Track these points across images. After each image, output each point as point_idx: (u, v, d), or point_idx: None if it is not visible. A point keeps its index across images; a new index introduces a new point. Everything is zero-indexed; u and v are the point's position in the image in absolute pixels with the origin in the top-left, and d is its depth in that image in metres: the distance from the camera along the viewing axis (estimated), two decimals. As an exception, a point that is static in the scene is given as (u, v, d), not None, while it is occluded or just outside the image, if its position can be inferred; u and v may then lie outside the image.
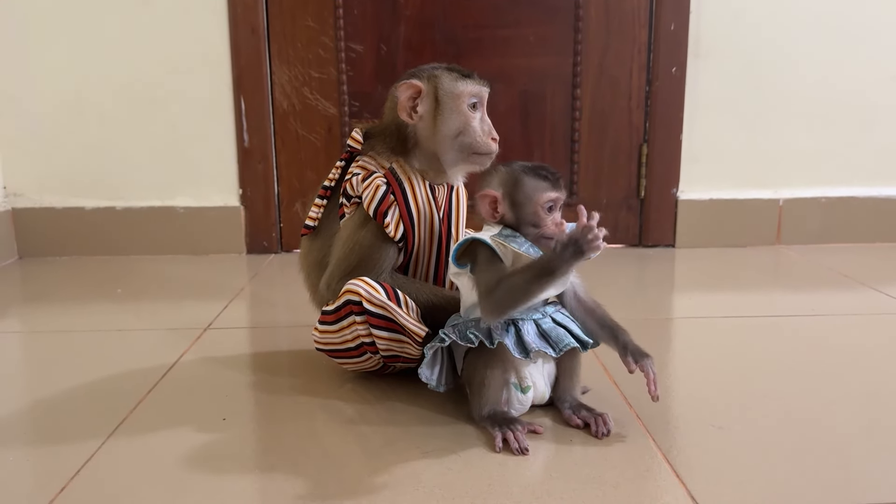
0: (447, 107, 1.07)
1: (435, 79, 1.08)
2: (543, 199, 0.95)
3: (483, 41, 2.04)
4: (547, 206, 0.95)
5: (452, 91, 1.07)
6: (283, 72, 2.03)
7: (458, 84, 1.07)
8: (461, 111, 1.07)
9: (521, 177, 0.96)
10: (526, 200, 0.95)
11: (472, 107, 1.08)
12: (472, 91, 1.08)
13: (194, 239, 2.08)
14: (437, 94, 1.07)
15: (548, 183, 0.95)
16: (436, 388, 1.00)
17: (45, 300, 1.71)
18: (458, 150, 1.09)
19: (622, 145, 2.11)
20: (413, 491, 0.83)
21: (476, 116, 1.08)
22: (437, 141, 1.08)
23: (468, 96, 1.07)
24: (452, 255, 0.98)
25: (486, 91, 1.09)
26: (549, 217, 0.95)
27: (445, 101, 1.07)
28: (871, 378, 1.16)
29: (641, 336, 0.95)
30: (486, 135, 1.08)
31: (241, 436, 0.98)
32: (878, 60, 2.08)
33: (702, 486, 0.83)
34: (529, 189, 0.95)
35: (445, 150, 1.09)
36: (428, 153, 1.10)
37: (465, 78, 1.08)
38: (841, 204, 2.13)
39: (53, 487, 0.85)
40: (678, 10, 2.02)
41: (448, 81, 1.08)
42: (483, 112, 1.09)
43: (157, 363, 1.23)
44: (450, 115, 1.07)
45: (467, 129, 1.07)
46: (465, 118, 1.07)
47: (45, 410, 1.08)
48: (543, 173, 0.96)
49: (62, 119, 2.03)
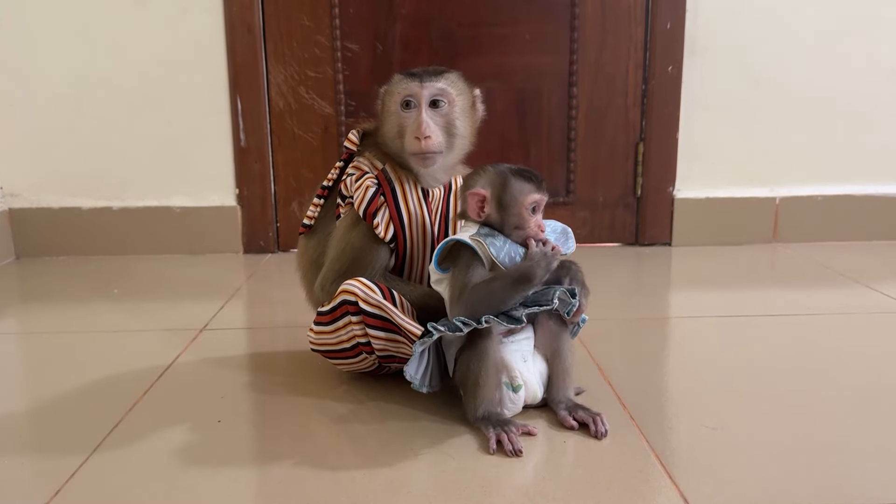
0: (387, 109, 1.08)
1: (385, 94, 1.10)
2: (528, 200, 0.97)
3: (479, 39, 2.04)
4: (531, 208, 0.97)
5: (391, 91, 1.08)
6: (279, 71, 2.03)
7: (397, 85, 1.07)
8: (394, 111, 1.07)
9: (509, 178, 0.98)
10: (512, 201, 0.97)
11: (405, 105, 1.06)
12: (405, 90, 1.06)
13: (191, 238, 2.08)
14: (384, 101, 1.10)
15: (533, 185, 0.97)
16: (419, 389, 1.00)
17: (41, 300, 1.71)
18: (392, 141, 1.09)
19: (619, 143, 2.11)
20: (407, 492, 0.83)
21: (409, 116, 1.06)
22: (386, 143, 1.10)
23: (401, 96, 1.06)
24: (434, 261, 0.99)
25: (417, 87, 1.05)
26: (532, 218, 0.97)
27: (387, 104, 1.08)
28: (866, 377, 1.17)
29: (637, 335, 0.95)
30: (411, 134, 1.05)
31: (236, 437, 0.99)
32: (875, 58, 2.08)
33: (694, 487, 0.83)
34: (516, 190, 0.97)
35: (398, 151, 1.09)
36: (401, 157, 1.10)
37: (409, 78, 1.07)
38: (838, 202, 2.13)
39: (49, 490, 0.85)
40: (674, 8, 2.02)
41: (395, 84, 1.08)
42: (419, 110, 1.05)
43: (153, 364, 1.24)
44: (388, 116, 1.08)
45: (403, 130, 1.06)
46: (399, 118, 1.07)
47: (40, 412, 1.08)
48: (528, 175, 0.98)
49: (59, 119, 2.03)
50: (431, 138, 1.04)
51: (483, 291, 0.94)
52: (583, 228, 2.14)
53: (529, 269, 0.93)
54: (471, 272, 0.95)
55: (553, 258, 0.95)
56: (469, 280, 0.95)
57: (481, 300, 0.94)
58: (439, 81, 1.06)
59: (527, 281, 0.93)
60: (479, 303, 0.94)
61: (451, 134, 1.06)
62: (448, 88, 1.06)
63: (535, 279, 0.93)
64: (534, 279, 0.93)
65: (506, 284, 0.94)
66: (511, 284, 0.94)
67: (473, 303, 0.94)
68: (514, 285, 0.94)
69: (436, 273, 1.00)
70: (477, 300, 0.94)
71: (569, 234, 1.03)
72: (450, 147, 1.07)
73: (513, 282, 0.94)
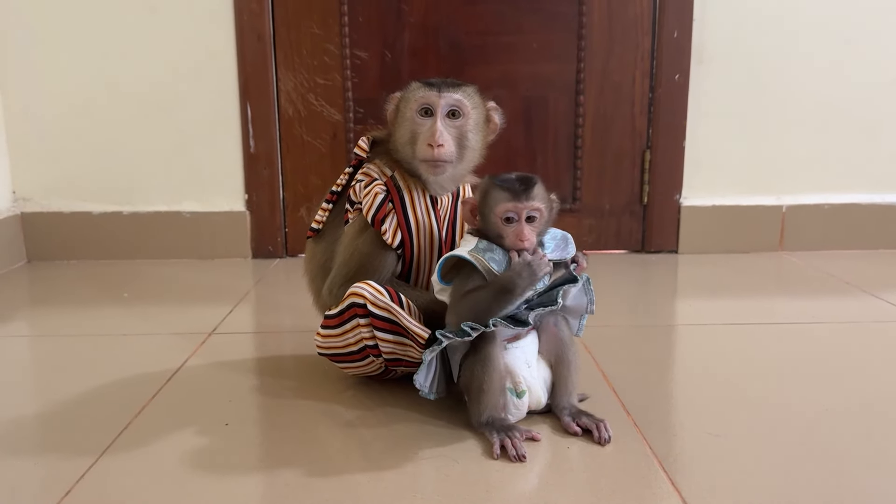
0: (402, 115, 1.10)
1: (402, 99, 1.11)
2: (500, 210, 0.96)
3: (487, 48, 2.06)
4: (504, 218, 0.96)
5: (408, 98, 1.09)
6: (289, 78, 2.05)
7: (414, 93, 1.09)
8: (409, 118, 1.08)
9: (489, 187, 0.98)
10: (488, 211, 0.97)
11: (421, 112, 1.07)
12: (422, 98, 1.07)
13: (200, 243, 2.10)
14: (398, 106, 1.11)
15: (508, 194, 0.96)
16: (426, 396, 1.01)
17: (52, 304, 1.73)
18: (403, 147, 1.10)
19: (625, 151, 2.12)
20: (411, 497, 0.84)
21: (424, 123, 1.07)
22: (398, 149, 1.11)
23: (419, 103, 1.07)
24: (437, 273, 1.00)
25: (435, 96, 1.06)
26: (508, 228, 0.96)
27: (402, 110, 1.10)
28: (870, 386, 1.17)
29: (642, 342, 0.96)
30: (424, 140, 1.06)
31: (244, 440, 1.00)
32: (882, 66, 2.08)
33: (697, 494, 0.84)
34: (491, 200, 0.97)
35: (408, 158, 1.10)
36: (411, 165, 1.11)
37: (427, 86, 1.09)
38: (844, 210, 2.13)
39: (58, 491, 0.86)
40: (681, 17, 2.03)
41: (412, 91, 1.10)
42: (435, 119, 1.06)
43: (162, 368, 1.25)
44: (402, 122, 1.09)
45: (416, 136, 1.07)
46: (414, 124, 1.08)
47: (50, 414, 1.09)
48: (508, 185, 0.96)
49: (70, 125, 2.05)
50: (444, 147, 1.05)
51: (470, 301, 0.95)
52: (589, 236, 2.15)
53: (510, 280, 0.93)
54: (468, 285, 0.96)
55: (539, 268, 0.93)
56: (465, 289, 0.96)
57: (469, 309, 0.95)
58: (457, 93, 1.07)
59: (508, 292, 0.93)
60: (466, 312, 0.95)
61: (462, 146, 1.08)
62: (464, 101, 1.07)
63: (517, 289, 0.93)
64: (515, 289, 0.93)
65: (488, 295, 0.94)
66: (493, 295, 0.94)
67: (460, 313, 0.96)
68: (496, 296, 0.94)
69: (438, 284, 1.01)
70: (465, 310, 0.95)
71: (569, 240, 1.03)
72: (460, 158, 1.08)
73: (495, 293, 0.94)
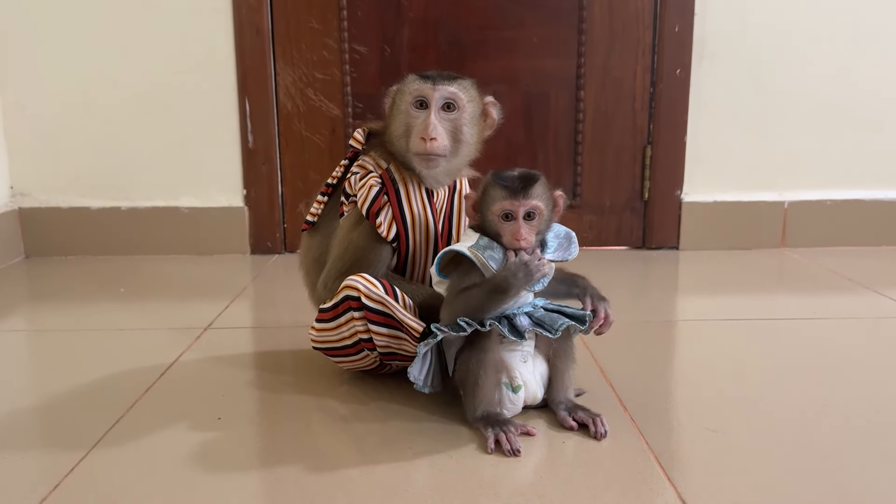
0: (397, 107, 1.08)
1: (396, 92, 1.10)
2: (496, 208, 0.95)
3: (487, 43, 2.04)
4: (501, 216, 0.95)
5: (403, 90, 1.08)
6: (288, 73, 2.04)
7: (409, 85, 1.07)
8: (403, 110, 1.07)
9: (488, 184, 0.97)
10: (486, 209, 0.96)
11: (415, 105, 1.06)
12: (417, 91, 1.06)
13: (198, 239, 2.09)
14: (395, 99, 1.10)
15: (505, 193, 0.94)
16: (421, 389, 1.00)
17: (50, 299, 1.72)
18: (397, 140, 1.08)
19: (626, 147, 2.11)
20: (404, 491, 0.83)
21: (418, 116, 1.06)
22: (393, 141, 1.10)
23: (413, 96, 1.06)
24: (435, 266, 0.98)
25: (430, 88, 1.05)
26: (505, 226, 0.95)
27: (397, 102, 1.08)
28: (870, 383, 1.15)
29: (641, 338, 0.95)
30: (417, 134, 1.05)
31: (236, 435, 0.99)
32: (885, 62, 2.06)
33: (693, 490, 0.83)
34: (488, 198, 0.96)
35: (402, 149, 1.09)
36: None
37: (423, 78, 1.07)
38: (846, 207, 2.12)
39: (47, 485, 0.85)
40: (682, 12, 2.02)
41: (407, 84, 1.08)
42: (429, 111, 1.05)
43: (156, 362, 1.24)
44: (397, 114, 1.08)
45: (410, 129, 1.06)
46: (408, 117, 1.07)
47: (44, 407, 1.09)
48: (506, 182, 0.95)
49: (68, 120, 2.05)
50: (437, 140, 1.04)
51: (464, 298, 0.94)
52: (590, 232, 2.14)
53: (504, 279, 0.92)
54: (464, 282, 0.95)
55: (536, 268, 0.92)
56: (461, 285, 0.95)
57: (463, 306, 0.94)
58: (452, 86, 1.06)
59: (501, 291, 0.92)
60: (460, 309, 0.94)
61: (457, 139, 1.06)
62: (460, 94, 1.06)
63: (511, 289, 0.92)
64: (509, 289, 0.92)
65: (482, 293, 0.93)
66: (487, 294, 0.93)
67: (454, 310, 0.95)
68: (489, 295, 0.93)
69: (436, 277, 1.00)
70: (459, 306, 0.95)
71: (572, 238, 1.01)
72: (454, 152, 1.07)
73: (488, 291, 0.93)
